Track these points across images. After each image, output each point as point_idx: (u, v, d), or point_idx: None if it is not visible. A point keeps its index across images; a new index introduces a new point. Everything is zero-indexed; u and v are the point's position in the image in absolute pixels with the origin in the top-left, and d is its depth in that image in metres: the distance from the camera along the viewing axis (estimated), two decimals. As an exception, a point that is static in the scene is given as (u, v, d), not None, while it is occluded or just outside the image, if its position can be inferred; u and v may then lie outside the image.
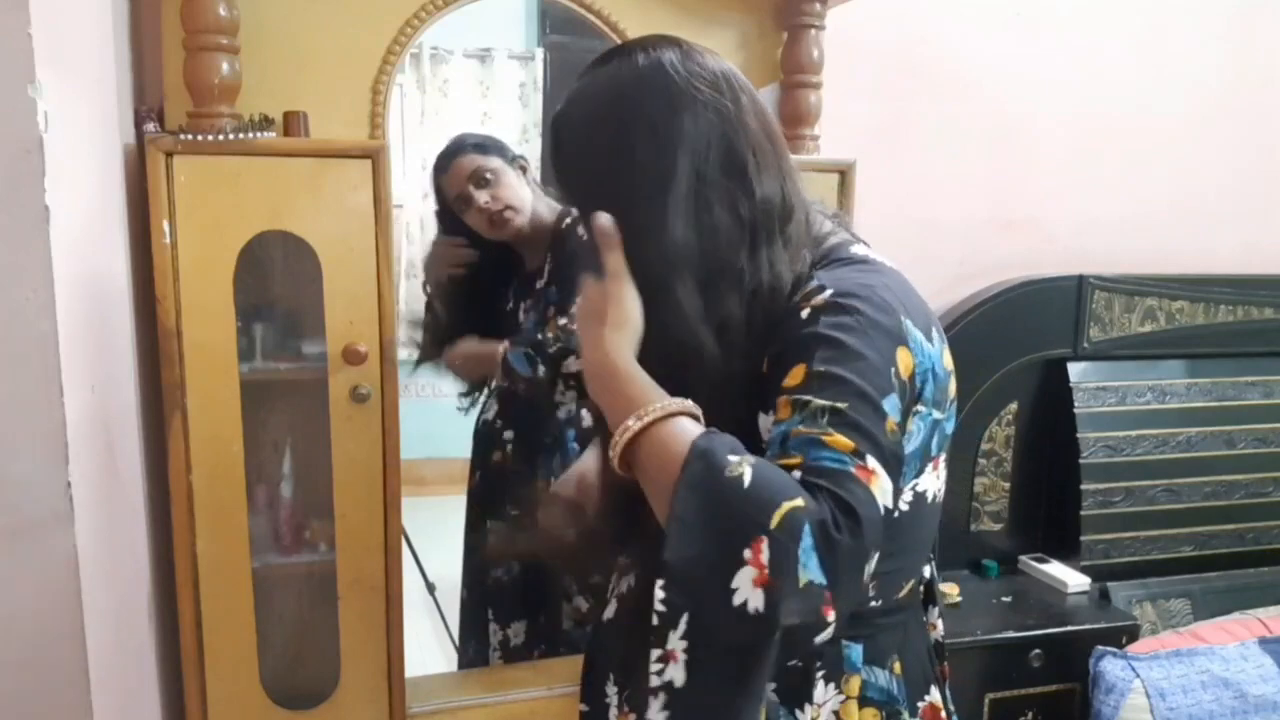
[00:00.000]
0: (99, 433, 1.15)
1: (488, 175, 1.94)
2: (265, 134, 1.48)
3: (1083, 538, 2.12)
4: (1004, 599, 2.05)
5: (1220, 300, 2.26)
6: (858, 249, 0.94)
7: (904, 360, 0.83)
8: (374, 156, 1.50)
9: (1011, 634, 1.91)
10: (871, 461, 0.75)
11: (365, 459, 1.57)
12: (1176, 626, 2.09)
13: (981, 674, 1.89)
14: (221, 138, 1.43)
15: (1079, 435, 2.12)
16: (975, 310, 2.11)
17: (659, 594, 0.73)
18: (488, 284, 2.12)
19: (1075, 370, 2.16)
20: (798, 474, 0.74)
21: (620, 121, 0.88)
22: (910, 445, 0.87)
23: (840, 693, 0.93)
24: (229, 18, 1.46)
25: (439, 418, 2.26)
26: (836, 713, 0.93)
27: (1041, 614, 1.99)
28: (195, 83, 1.46)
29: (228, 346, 1.49)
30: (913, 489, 0.91)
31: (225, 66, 1.46)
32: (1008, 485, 2.21)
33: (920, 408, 0.87)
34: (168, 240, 1.43)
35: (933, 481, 0.93)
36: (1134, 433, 2.17)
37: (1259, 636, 1.98)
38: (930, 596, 1.05)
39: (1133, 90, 2.29)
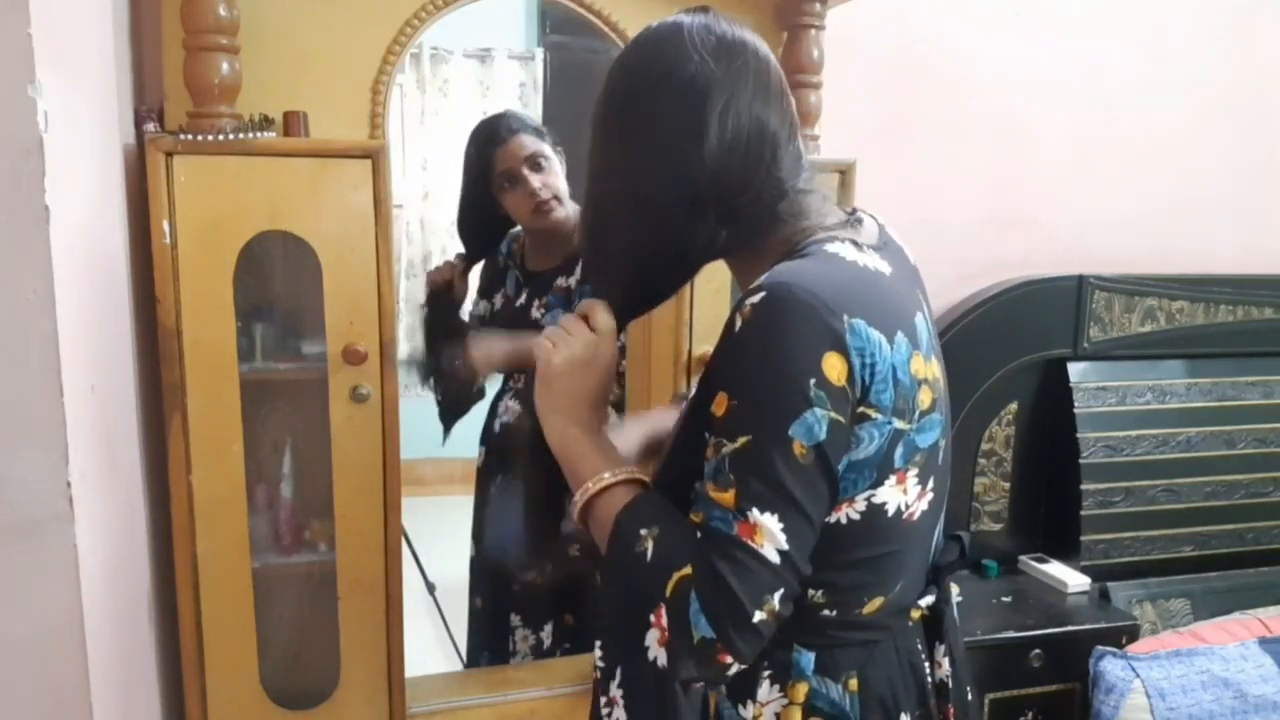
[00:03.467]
0: (99, 433, 1.15)
1: (542, 161, 1.92)
2: (265, 134, 1.48)
3: (1083, 538, 2.12)
4: (1004, 599, 2.05)
5: (1220, 300, 2.26)
6: (835, 246, 0.90)
7: (833, 365, 0.81)
8: (374, 156, 1.50)
9: (1011, 634, 1.91)
10: (754, 514, 0.80)
11: (365, 459, 1.57)
12: (1176, 626, 2.09)
13: (981, 674, 1.89)
14: (221, 138, 1.43)
15: (1079, 435, 2.12)
16: (975, 310, 2.11)
17: (598, 652, 0.94)
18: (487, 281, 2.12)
19: (1075, 370, 2.16)
20: (699, 534, 0.83)
21: (618, 71, 0.95)
22: (859, 453, 0.85)
23: (784, 696, 0.92)
24: (229, 18, 1.46)
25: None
26: (779, 715, 0.92)
27: (1041, 614, 1.99)
28: (195, 83, 1.46)
29: (228, 346, 1.49)
30: (867, 500, 0.88)
31: (225, 66, 1.46)
32: (1008, 485, 2.21)
33: (873, 414, 0.84)
34: (168, 240, 1.43)
35: (896, 495, 0.89)
36: (1134, 433, 2.17)
37: (1259, 636, 1.98)
38: (937, 632, 1.00)
39: (1133, 90, 2.29)
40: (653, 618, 0.82)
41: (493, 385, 2.14)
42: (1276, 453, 2.27)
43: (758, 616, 0.80)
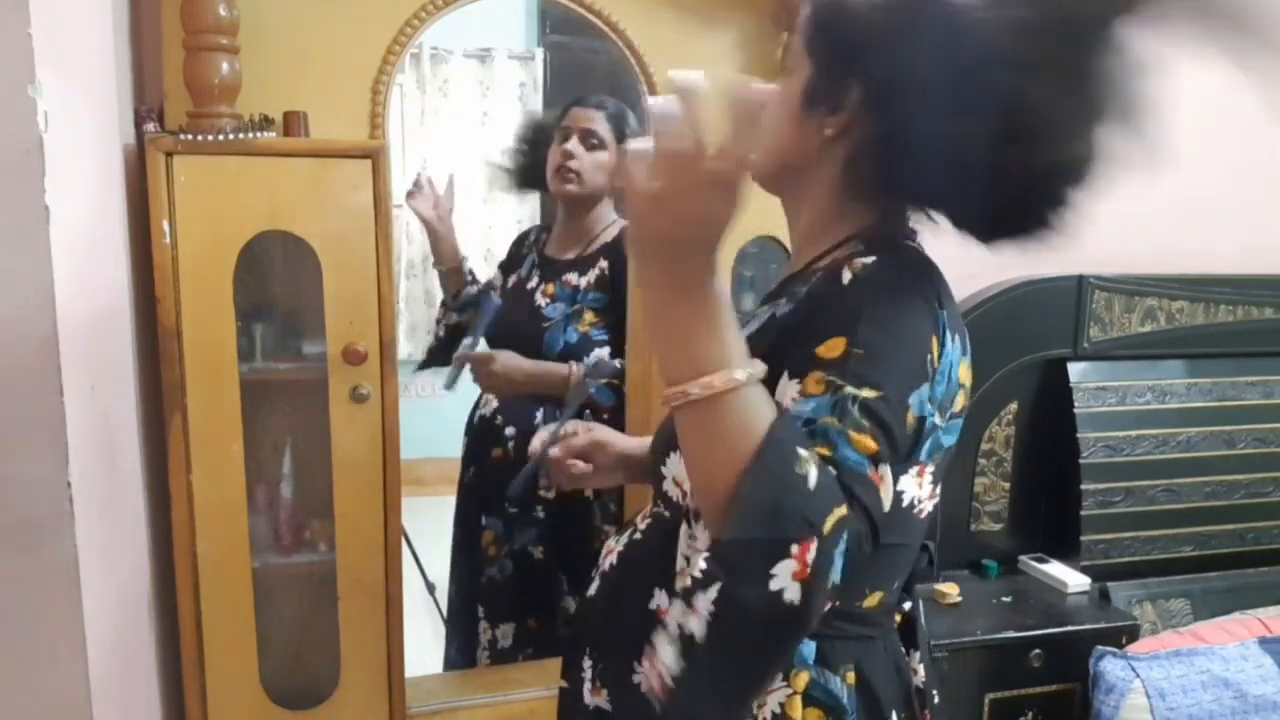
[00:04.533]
0: (99, 433, 1.15)
1: (595, 142, 1.97)
2: (265, 134, 1.48)
3: (1083, 538, 2.12)
4: (1004, 599, 2.05)
5: (1220, 300, 2.26)
6: (915, 242, 0.93)
7: (935, 348, 0.82)
8: (374, 156, 1.50)
9: (1011, 634, 1.91)
10: (884, 468, 0.77)
11: (365, 459, 1.57)
12: (1176, 626, 2.09)
13: (981, 674, 1.89)
14: (221, 138, 1.43)
15: (1079, 435, 2.12)
16: (975, 310, 2.11)
17: (700, 563, 0.75)
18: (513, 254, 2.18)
19: (1075, 370, 2.16)
20: (832, 470, 0.75)
21: None
22: None
23: (787, 685, 0.91)
24: (229, 18, 1.46)
25: (439, 418, 2.27)
26: (783, 704, 0.91)
27: (1041, 614, 1.99)
28: (195, 83, 1.46)
29: (228, 346, 1.49)
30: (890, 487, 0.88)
31: (225, 66, 1.46)
32: (1008, 485, 2.21)
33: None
34: (168, 240, 1.43)
35: (914, 487, 0.88)
36: (1134, 433, 2.17)
37: (1259, 636, 1.98)
38: (912, 639, 1.01)
39: (1132, 90, 2.29)
40: (796, 549, 0.71)
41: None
42: (1276, 453, 2.27)
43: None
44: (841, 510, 0.73)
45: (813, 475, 0.73)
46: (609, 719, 1.00)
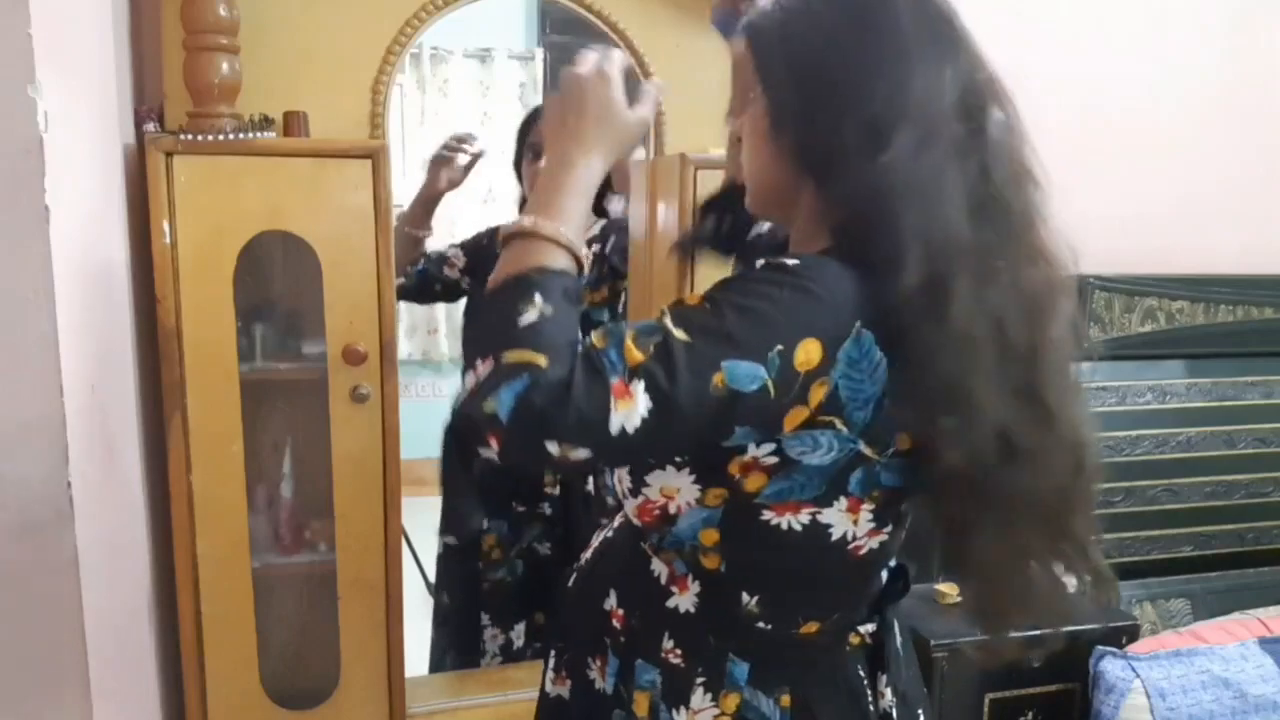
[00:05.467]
0: (99, 433, 1.15)
1: None
2: (265, 134, 1.48)
3: (1083, 538, 2.12)
4: (1004, 599, 2.05)
5: (1220, 300, 2.26)
6: None
7: (807, 350, 0.77)
8: (374, 156, 1.50)
9: (1011, 634, 1.91)
10: (638, 385, 0.74)
11: (365, 459, 1.57)
12: (1176, 626, 2.09)
13: (981, 674, 1.89)
14: (221, 138, 1.43)
15: (1079, 435, 2.12)
16: (975, 310, 2.11)
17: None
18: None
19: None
20: (582, 350, 0.77)
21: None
22: (813, 459, 0.82)
23: (716, 706, 0.90)
24: (229, 18, 1.46)
25: (439, 418, 2.26)
26: None
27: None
28: (195, 83, 1.46)
29: (228, 346, 1.49)
30: (812, 516, 0.85)
31: (225, 66, 1.46)
32: (1008, 485, 2.21)
33: (840, 426, 0.80)
34: (168, 240, 1.43)
35: (844, 522, 0.86)
36: (1134, 433, 2.17)
37: (1259, 636, 1.98)
38: (880, 663, 0.98)
39: (1132, 90, 2.29)
40: (479, 364, 0.76)
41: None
42: (1276, 453, 2.26)
43: (551, 446, 0.74)
44: (536, 356, 0.75)
45: (529, 317, 0.77)
46: (567, 708, 0.99)
